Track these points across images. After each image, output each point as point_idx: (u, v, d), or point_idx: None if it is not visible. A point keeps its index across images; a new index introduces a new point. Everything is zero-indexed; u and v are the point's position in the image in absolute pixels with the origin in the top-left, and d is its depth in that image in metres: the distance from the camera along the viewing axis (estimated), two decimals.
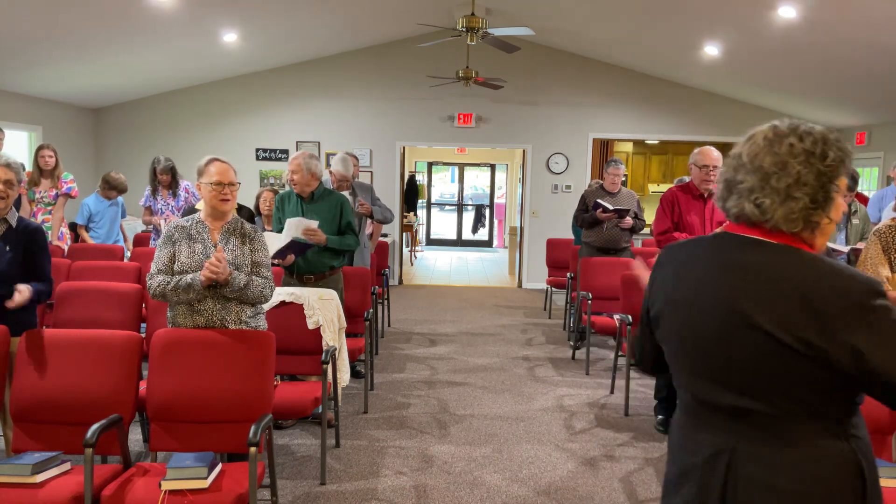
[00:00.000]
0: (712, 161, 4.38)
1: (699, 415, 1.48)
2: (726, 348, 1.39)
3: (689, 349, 1.47)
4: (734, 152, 1.48)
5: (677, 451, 1.54)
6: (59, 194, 6.12)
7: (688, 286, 1.48)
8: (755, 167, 1.41)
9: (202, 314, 3.05)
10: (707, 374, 1.44)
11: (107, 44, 7.23)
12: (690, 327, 1.46)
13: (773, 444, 1.37)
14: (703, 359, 1.44)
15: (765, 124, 1.46)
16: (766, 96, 9.49)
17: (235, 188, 3.12)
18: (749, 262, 1.39)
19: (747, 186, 1.42)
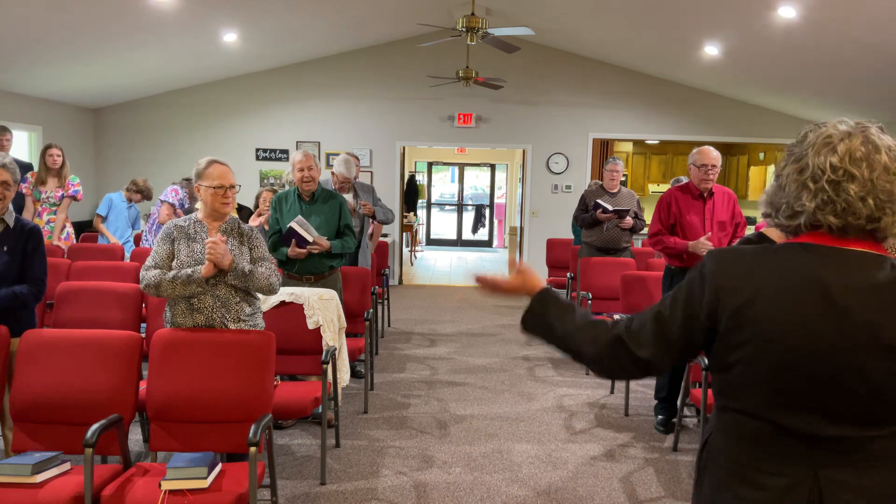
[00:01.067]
0: (711, 160, 4.38)
1: (772, 443, 1.33)
2: (851, 377, 1.27)
3: (794, 375, 1.30)
4: (870, 163, 1.31)
5: (730, 483, 1.38)
6: (64, 195, 6.14)
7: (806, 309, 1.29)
8: None
9: (202, 312, 3.05)
10: (813, 404, 1.30)
11: (107, 44, 7.23)
12: (808, 353, 1.29)
13: (859, 467, 1.30)
14: (817, 386, 1.29)
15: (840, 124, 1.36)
16: (766, 96, 9.49)
17: (235, 190, 3.13)
18: (884, 281, 1.29)
19: None
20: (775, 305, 1.30)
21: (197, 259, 3.04)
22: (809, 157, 1.34)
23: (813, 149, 1.34)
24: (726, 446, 1.40)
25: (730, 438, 1.39)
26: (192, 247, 3.07)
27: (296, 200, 4.53)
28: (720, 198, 4.48)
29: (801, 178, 1.34)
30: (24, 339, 2.95)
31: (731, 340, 1.34)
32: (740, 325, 1.33)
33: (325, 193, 4.57)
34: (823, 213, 1.32)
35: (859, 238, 1.33)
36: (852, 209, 1.30)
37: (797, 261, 1.33)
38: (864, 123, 1.35)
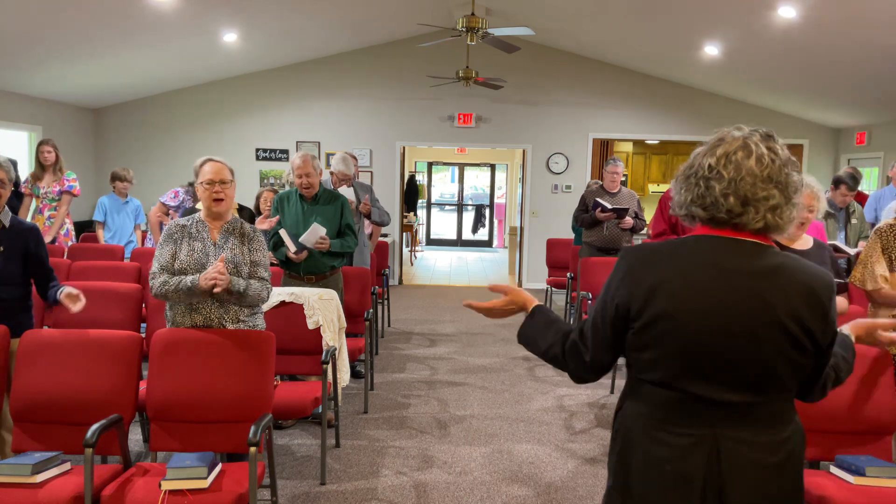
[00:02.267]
0: None
1: (680, 408, 1.53)
2: (751, 350, 1.48)
3: (694, 351, 1.49)
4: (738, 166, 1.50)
5: (641, 443, 1.58)
6: (62, 191, 6.14)
7: (702, 293, 1.49)
8: (777, 182, 1.50)
9: (200, 313, 3.05)
10: (715, 375, 1.50)
11: (107, 44, 7.23)
12: (707, 332, 1.48)
13: (755, 427, 1.52)
14: (714, 360, 1.49)
15: (735, 131, 1.55)
16: (766, 96, 9.49)
17: (228, 186, 3.09)
18: (768, 267, 1.50)
19: (774, 203, 1.50)
20: (679, 289, 1.50)
21: (196, 259, 3.03)
22: (698, 157, 1.56)
23: (703, 150, 1.57)
24: (639, 412, 1.59)
25: (642, 405, 1.59)
26: (192, 245, 3.07)
27: (298, 201, 4.54)
28: None
29: (687, 173, 1.58)
30: (24, 339, 2.95)
31: (643, 323, 1.53)
32: (650, 309, 1.52)
33: (327, 194, 4.58)
34: (695, 206, 1.55)
35: (735, 229, 1.53)
36: (716, 204, 1.51)
37: (695, 249, 1.54)
38: (754, 131, 1.54)
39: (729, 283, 1.49)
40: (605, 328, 1.60)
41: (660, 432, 1.55)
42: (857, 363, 2.97)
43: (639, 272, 1.55)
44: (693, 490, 1.51)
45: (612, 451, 1.68)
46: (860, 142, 9.41)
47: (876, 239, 3.27)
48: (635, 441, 1.59)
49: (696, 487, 1.51)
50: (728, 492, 1.50)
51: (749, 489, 1.51)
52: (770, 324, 1.47)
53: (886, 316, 3.25)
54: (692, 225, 1.61)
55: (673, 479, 1.53)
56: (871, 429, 2.94)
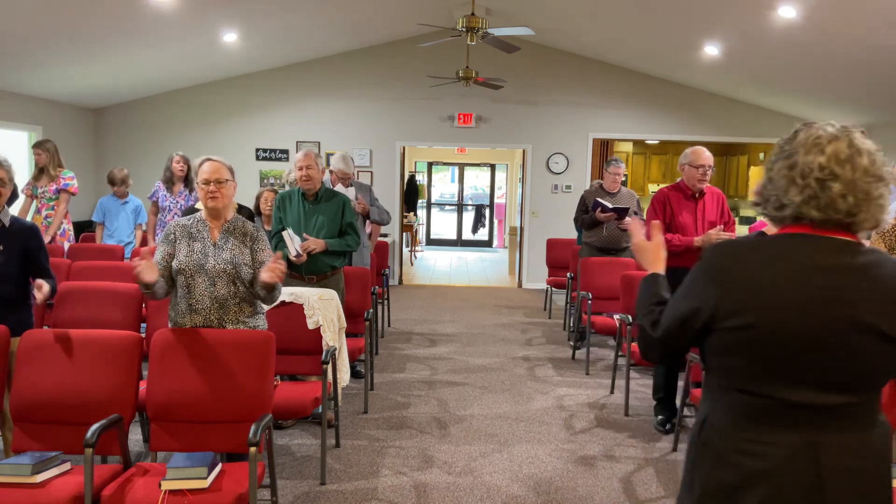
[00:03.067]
0: (707, 161, 4.39)
1: (772, 416, 1.47)
2: (851, 350, 1.43)
3: (789, 354, 1.44)
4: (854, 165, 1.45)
5: (732, 456, 1.50)
6: (59, 189, 6.14)
7: (799, 294, 1.44)
8: (884, 179, 1.47)
9: (200, 313, 3.04)
10: (806, 376, 1.45)
11: (107, 44, 7.23)
12: (806, 335, 1.43)
13: (851, 430, 1.47)
14: (814, 363, 1.44)
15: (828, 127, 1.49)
16: (765, 96, 9.50)
17: (224, 185, 3.07)
18: (863, 264, 1.46)
19: (883, 201, 1.47)
20: (773, 290, 1.45)
21: (196, 259, 3.03)
22: (799, 156, 1.48)
23: (803, 148, 1.48)
24: (727, 423, 1.52)
25: (730, 416, 1.51)
26: (192, 245, 3.06)
27: (299, 200, 4.53)
28: (710, 197, 4.49)
29: (790, 173, 1.49)
30: (24, 339, 2.95)
31: (734, 325, 1.47)
32: (742, 310, 1.46)
33: (328, 193, 4.57)
34: (808, 207, 1.47)
35: (836, 229, 1.48)
36: (834, 205, 1.45)
37: (790, 249, 1.48)
38: (849, 127, 1.49)
39: (826, 283, 1.44)
40: (686, 326, 1.55)
41: (756, 444, 1.48)
42: None
43: (733, 272, 1.49)
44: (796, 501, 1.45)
45: (696, 465, 1.58)
46: None
47: (878, 239, 3.27)
48: (727, 454, 1.51)
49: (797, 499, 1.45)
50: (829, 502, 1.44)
51: (849, 497, 1.45)
52: (870, 323, 1.43)
53: None
54: (779, 225, 1.55)
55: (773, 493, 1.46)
56: None
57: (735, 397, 1.51)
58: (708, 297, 1.51)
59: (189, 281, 3.02)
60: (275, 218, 4.60)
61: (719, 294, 1.49)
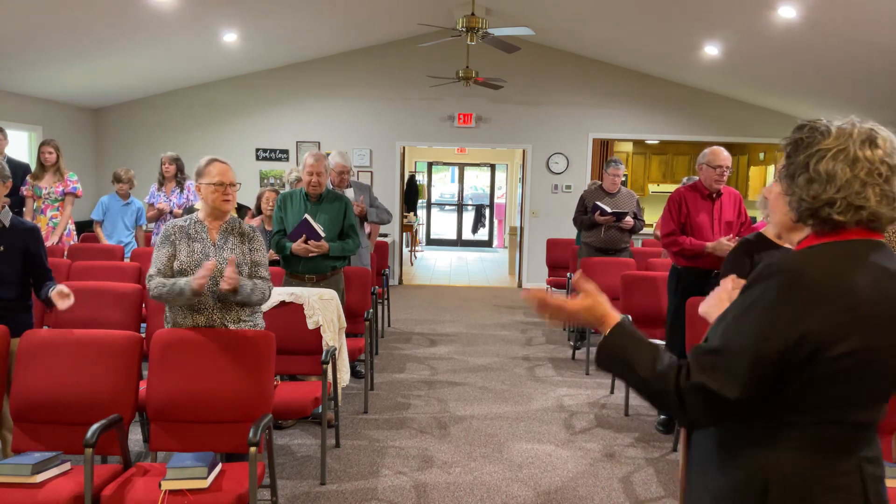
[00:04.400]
0: (725, 161, 4.37)
1: (846, 441, 1.33)
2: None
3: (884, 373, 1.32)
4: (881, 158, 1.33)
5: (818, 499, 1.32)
6: (65, 192, 6.15)
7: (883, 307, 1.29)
8: None
9: (202, 313, 3.05)
10: (884, 395, 1.35)
11: (107, 44, 7.23)
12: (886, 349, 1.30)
13: (872, 443, 1.37)
14: (885, 380, 1.33)
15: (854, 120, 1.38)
16: (766, 96, 9.50)
17: (236, 188, 3.13)
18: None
19: None
20: (873, 307, 1.28)
21: (197, 259, 3.03)
22: (856, 152, 1.32)
23: (853, 143, 1.33)
24: (807, 466, 1.32)
25: (808, 456, 1.32)
26: (192, 247, 3.07)
27: (302, 200, 4.53)
28: (727, 198, 4.46)
29: (856, 171, 1.32)
30: (24, 339, 2.95)
31: (834, 353, 1.27)
32: (851, 337, 1.27)
33: (331, 194, 4.58)
34: (883, 206, 1.32)
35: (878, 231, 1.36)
36: (894, 203, 1.33)
37: (872, 259, 1.32)
38: (866, 121, 1.37)
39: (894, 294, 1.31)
40: (766, 362, 1.27)
41: (837, 476, 1.32)
42: None
43: (827, 292, 1.27)
44: None
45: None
46: None
47: None
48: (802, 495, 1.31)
49: None
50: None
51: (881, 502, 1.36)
52: None
53: None
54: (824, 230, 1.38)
55: None
56: None
57: (814, 433, 1.32)
58: (801, 322, 1.26)
59: None
60: (276, 218, 4.60)
61: (812, 316, 1.26)
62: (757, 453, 1.34)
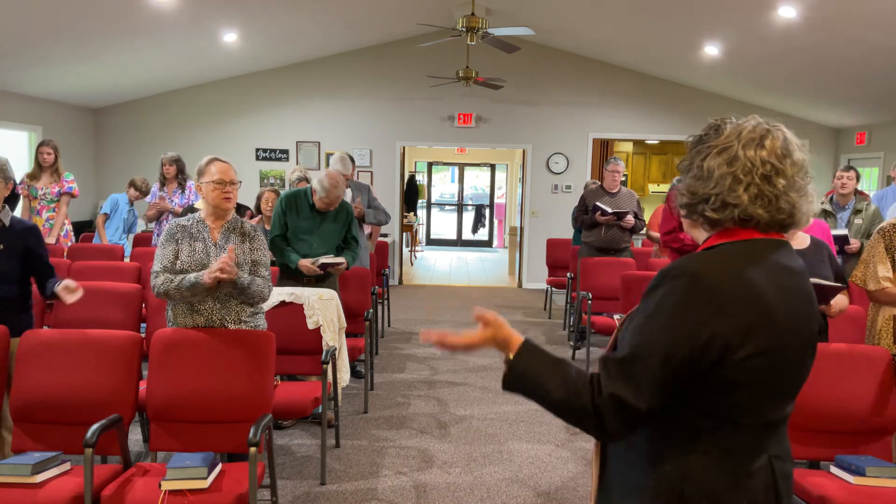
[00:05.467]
0: None
1: (757, 441, 1.34)
2: (811, 356, 1.38)
3: (784, 374, 1.32)
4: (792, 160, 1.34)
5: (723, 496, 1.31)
6: (61, 192, 6.15)
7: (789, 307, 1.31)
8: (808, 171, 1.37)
9: (202, 314, 3.05)
10: (793, 391, 1.36)
11: (107, 44, 7.23)
12: (797, 348, 1.32)
13: (781, 438, 1.38)
14: (797, 377, 1.35)
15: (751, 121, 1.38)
16: (766, 96, 9.50)
17: (237, 187, 3.12)
18: (802, 266, 1.40)
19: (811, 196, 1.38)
20: (775, 305, 1.29)
21: (198, 259, 3.03)
22: (738, 150, 1.33)
23: (739, 142, 1.34)
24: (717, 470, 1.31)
25: (714, 458, 1.31)
26: (193, 246, 3.06)
27: (308, 208, 4.50)
28: None
29: (731, 169, 1.33)
30: (24, 339, 2.95)
31: (743, 357, 1.26)
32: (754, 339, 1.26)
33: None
34: (755, 206, 1.32)
35: (777, 229, 1.37)
36: (778, 203, 1.32)
37: (769, 258, 1.33)
38: (773, 122, 1.37)
39: (796, 291, 1.34)
40: (676, 367, 1.26)
41: (737, 477, 1.31)
42: (856, 363, 2.98)
43: (729, 294, 1.26)
44: None
45: None
46: (860, 142, 9.41)
47: (879, 239, 3.27)
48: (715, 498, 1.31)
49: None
50: None
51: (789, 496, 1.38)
52: (815, 324, 1.38)
53: (888, 315, 3.25)
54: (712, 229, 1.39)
55: None
56: (871, 429, 2.94)
57: (726, 436, 1.31)
58: (706, 326, 1.25)
59: None
60: (278, 219, 4.51)
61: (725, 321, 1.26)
62: (672, 458, 1.32)
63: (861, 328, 3.59)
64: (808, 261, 3.10)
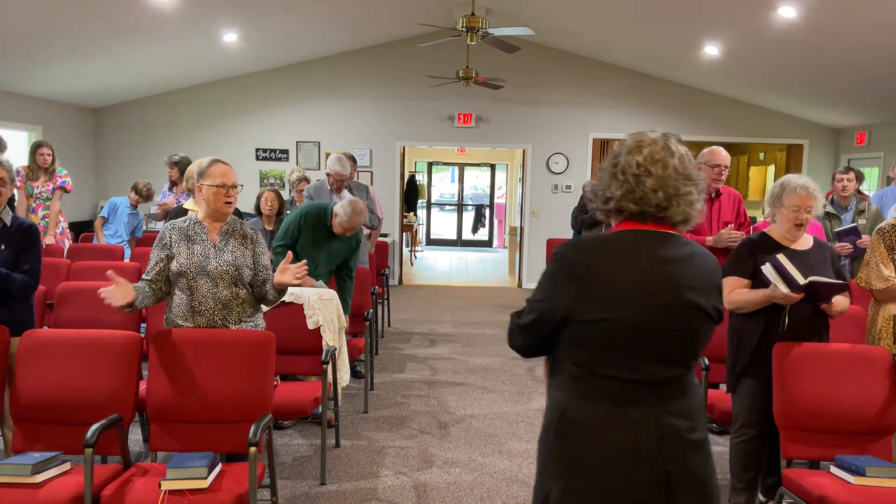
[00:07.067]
0: (723, 161, 4.35)
1: (627, 394, 1.66)
2: (680, 330, 1.66)
3: (640, 339, 1.64)
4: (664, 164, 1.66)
5: (597, 435, 1.66)
6: (54, 188, 6.15)
7: (640, 284, 1.64)
8: (693, 179, 1.69)
9: (203, 315, 3.02)
10: (655, 356, 1.66)
11: (107, 44, 7.23)
12: (648, 319, 1.63)
13: (678, 398, 1.69)
14: (654, 344, 1.65)
15: (651, 133, 1.72)
16: (766, 96, 9.50)
17: (238, 190, 3.10)
18: (685, 255, 1.69)
19: (692, 198, 1.69)
20: (622, 281, 1.64)
21: (197, 261, 3.01)
22: (622, 156, 1.70)
23: (626, 149, 1.71)
24: (589, 408, 1.68)
25: (590, 401, 1.68)
26: (191, 248, 3.03)
27: (324, 230, 4.47)
28: (726, 198, 4.46)
29: (613, 170, 1.70)
30: (24, 339, 2.95)
31: (590, 316, 1.64)
32: (599, 304, 1.64)
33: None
34: (626, 201, 1.68)
35: (657, 223, 1.69)
36: (646, 199, 1.66)
37: (633, 243, 1.68)
38: (668, 134, 1.73)
39: (659, 273, 1.65)
40: (546, 326, 1.72)
41: (616, 421, 1.65)
42: (857, 363, 2.98)
43: (582, 269, 1.67)
44: (645, 472, 1.64)
45: (562, 454, 1.71)
46: (860, 142, 9.41)
47: (879, 240, 3.27)
48: (593, 435, 1.66)
49: (647, 469, 1.64)
50: (671, 470, 1.64)
51: (686, 466, 1.66)
52: (691, 304, 1.66)
53: (888, 315, 3.24)
54: (610, 219, 1.76)
55: (626, 466, 1.64)
56: (871, 429, 2.94)
57: (594, 383, 1.68)
58: (563, 294, 1.68)
59: (191, 283, 3.01)
60: (289, 229, 4.49)
61: (576, 290, 1.66)
62: (557, 393, 1.75)
63: (861, 328, 3.59)
64: (811, 261, 3.11)
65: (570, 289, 1.67)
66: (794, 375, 2.96)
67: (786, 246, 3.16)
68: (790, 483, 2.83)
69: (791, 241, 3.17)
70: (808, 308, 3.08)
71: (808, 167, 10.04)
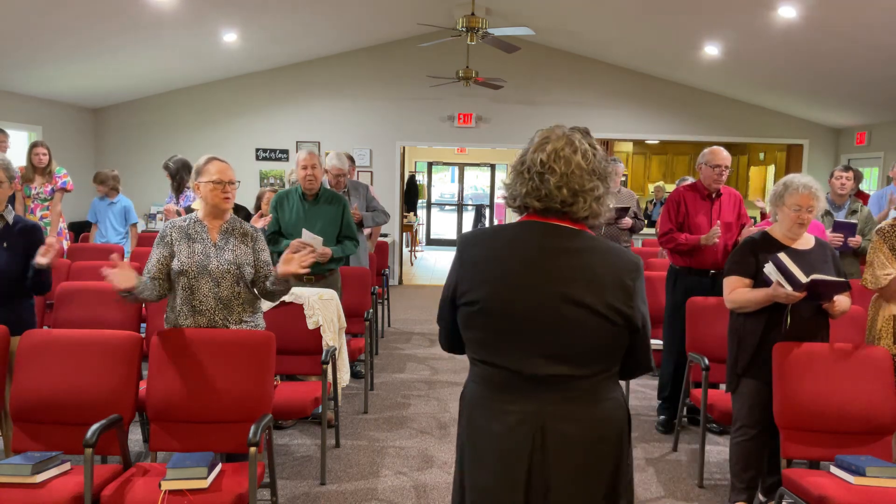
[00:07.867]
0: (724, 161, 4.36)
1: (513, 386, 1.66)
2: (563, 325, 1.62)
3: (514, 327, 1.64)
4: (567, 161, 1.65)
5: (482, 422, 1.70)
6: (54, 189, 6.13)
7: (519, 273, 1.64)
8: (600, 174, 1.68)
9: (204, 314, 3.03)
10: (534, 349, 1.63)
11: (107, 43, 7.23)
12: (523, 308, 1.63)
13: (575, 402, 1.65)
14: (532, 335, 1.63)
15: (557, 129, 1.71)
16: (766, 96, 9.50)
17: (235, 186, 3.10)
18: (579, 248, 1.66)
19: (598, 193, 1.68)
20: (497, 265, 1.66)
21: (198, 260, 3.02)
22: (528, 154, 1.70)
23: (532, 147, 1.71)
24: (477, 392, 1.73)
25: (479, 385, 1.73)
26: (192, 247, 3.04)
27: (298, 200, 4.50)
28: (727, 198, 4.46)
29: (520, 168, 1.71)
30: (24, 339, 2.95)
31: (471, 305, 1.68)
32: (473, 288, 1.68)
33: (328, 194, 4.54)
34: (530, 198, 1.68)
35: (558, 217, 1.68)
36: (551, 195, 1.65)
37: (518, 233, 1.69)
38: (577, 128, 1.72)
39: (538, 262, 1.64)
40: (444, 310, 1.79)
41: (495, 410, 1.68)
42: (857, 363, 2.98)
43: (467, 254, 1.73)
44: (520, 466, 1.64)
45: (460, 434, 1.79)
46: (860, 142, 9.41)
47: (880, 241, 3.27)
48: (476, 420, 1.71)
49: (523, 463, 1.63)
50: (551, 465, 1.63)
51: (569, 466, 1.63)
52: (568, 297, 1.61)
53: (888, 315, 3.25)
54: (521, 215, 1.77)
55: (501, 456, 1.66)
56: (871, 429, 2.95)
57: (483, 370, 1.71)
58: (452, 277, 1.75)
59: (192, 282, 3.01)
60: (273, 219, 4.55)
61: (459, 272, 1.72)
62: (468, 380, 1.80)
63: (861, 328, 3.59)
64: (812, 260, 3.11)
65: (456, 271, 1.73)
66: (795, 375, 2.96)
67: (787, 245, 3.16)
68: (790, 483, 2.83)
69: (793, 241, 3.17)
70: (809, 308, 3.08)
71: (808, 167, 10.04)
